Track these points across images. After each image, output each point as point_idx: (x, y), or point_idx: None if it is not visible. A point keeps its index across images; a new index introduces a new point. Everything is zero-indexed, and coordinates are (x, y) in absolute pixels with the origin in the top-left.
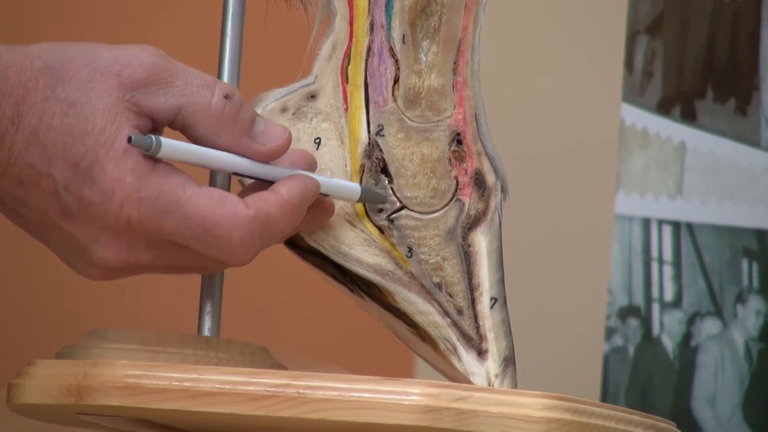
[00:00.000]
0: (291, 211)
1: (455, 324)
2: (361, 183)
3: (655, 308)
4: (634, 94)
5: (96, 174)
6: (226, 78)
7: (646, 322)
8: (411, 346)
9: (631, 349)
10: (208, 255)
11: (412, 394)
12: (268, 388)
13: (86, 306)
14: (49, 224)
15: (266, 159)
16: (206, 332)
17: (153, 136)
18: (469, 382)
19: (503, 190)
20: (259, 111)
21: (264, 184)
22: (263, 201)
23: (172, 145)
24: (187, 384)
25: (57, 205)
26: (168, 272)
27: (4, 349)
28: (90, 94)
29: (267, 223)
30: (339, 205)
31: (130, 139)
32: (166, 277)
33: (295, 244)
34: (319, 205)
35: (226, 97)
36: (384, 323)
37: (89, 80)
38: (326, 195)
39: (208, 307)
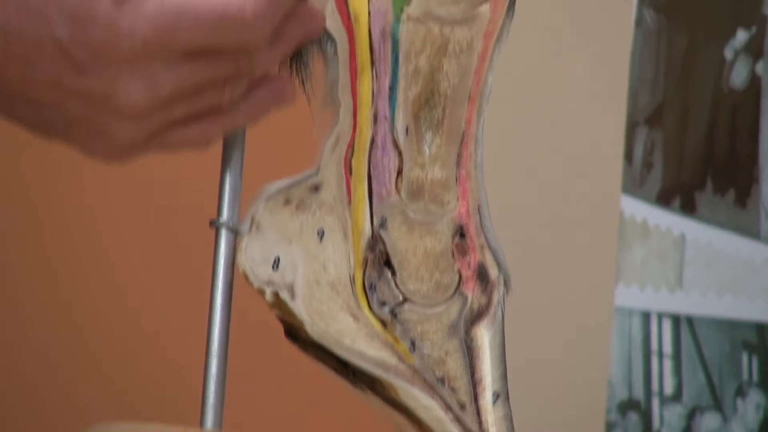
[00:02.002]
0: None
1: (458, 419)
2: (364, 276)
3: (655, 402)
4: (633, 186)
5: (96, 12)
6: (229, 168)
7: (646, 416)
8: None
9: None
10: (229, 42)
11: None
12: None
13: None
14: (65, 93)
15: None
16: (209, 425)
17: None
18: None
19: (506, 284)
20: (262, 203)
21: None
22: None
23: None
24: None
25: (68, 64)
26: (197, 110)
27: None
28: None
29: None
30: (342, 298)
31: None
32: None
33: (297, 336)
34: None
35: None
36: (387, 417)
37: None
38: None
39: (210, 400)
